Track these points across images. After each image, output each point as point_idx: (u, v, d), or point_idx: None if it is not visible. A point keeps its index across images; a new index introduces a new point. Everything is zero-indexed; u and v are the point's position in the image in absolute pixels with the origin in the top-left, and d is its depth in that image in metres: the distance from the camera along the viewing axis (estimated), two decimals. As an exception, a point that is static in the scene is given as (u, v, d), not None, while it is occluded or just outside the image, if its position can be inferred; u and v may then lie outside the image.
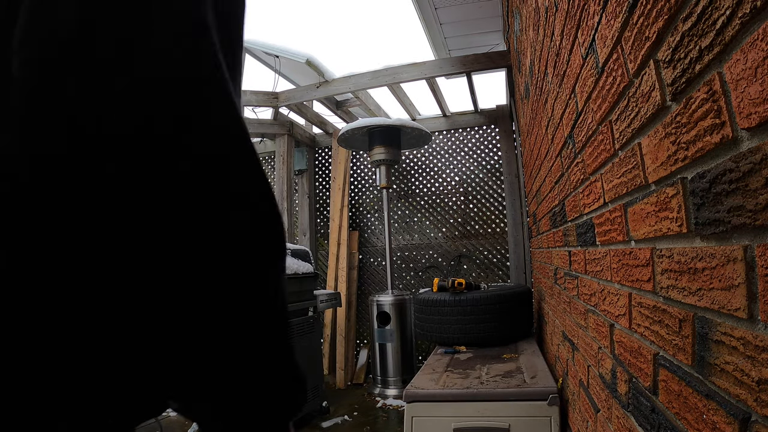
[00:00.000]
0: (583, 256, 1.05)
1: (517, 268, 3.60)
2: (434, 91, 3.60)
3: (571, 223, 1.18)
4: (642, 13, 0.54)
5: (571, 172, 1.09)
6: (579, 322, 1.17)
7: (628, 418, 0.73)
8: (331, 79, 3.54)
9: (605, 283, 0.85)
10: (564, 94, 1.07)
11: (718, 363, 0.43)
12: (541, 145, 1.69)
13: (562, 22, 1.02)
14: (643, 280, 0.63)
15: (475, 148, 3.98)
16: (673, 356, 0.54)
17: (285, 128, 4.02)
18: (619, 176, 0.70)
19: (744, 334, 0.38)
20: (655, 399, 0.61)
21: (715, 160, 0.42)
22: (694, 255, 0.47)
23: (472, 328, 2.25)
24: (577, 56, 0.89)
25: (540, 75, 1.51)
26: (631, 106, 0.62)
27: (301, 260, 2.91)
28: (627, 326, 0.72)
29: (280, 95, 3.78)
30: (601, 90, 0.74)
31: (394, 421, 2.85)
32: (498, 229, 3.85)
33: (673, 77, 0.48)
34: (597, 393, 0.97)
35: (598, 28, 0.72)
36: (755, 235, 0.36)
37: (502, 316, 2.26)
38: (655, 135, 0.55)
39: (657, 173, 0.55)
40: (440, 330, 2.35)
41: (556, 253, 1.56)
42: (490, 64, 3.20)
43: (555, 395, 1.41)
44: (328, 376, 3.76)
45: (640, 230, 0.64)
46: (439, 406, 1.49)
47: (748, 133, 0.36)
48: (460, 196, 3.99)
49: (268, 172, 4.77)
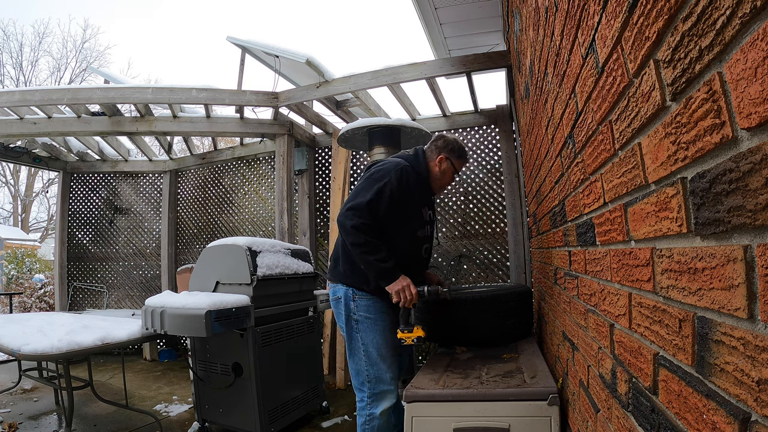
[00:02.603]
0: (583, 256, 1.05)
1: (517, 268, 3.60)
2: (434, 91, 3.60)
3: (571, 223, 1.18)
4: (642, 13, 0.54)
5: (571, 172, 1.09)
6: (579, 322, 1.17)
7: (628, 418, 0.73)
8: (331, 79, 3.54)
9: (605, 283, 0.85)
10: (564, 94, 1.07)
11: (718, 363, 0.43)
12: (541, 145, 1.69)
13: (562, 22, 1.02)
14: (643, 280, 0.63)
15: (475, 148, 3.98)
16: (673, 356, 0.54)
17: (285, 128, 4.02)
18: (619, 176, 0.70)
19: (744, 334, 0.38)
20: (655, 399, 0.61)
21: (715, 160, 0.42)
22: (694, 255, 0.47)
23: (471, 327, 2.18)
24: (577, 56, 0.89)
25: (540, 75, 1.51)
26: (631, 106, 0.62)
27: (301, 260, 2.91)
28: (627, 326, 0.72)
29: (280, 95, 3.78)
30: (601, 90, 0.74)
31: (394, 421, 2.84)
32: (498, 229, 3.85)
33: (673, 77, 0.48)
34: (597, 393, 0.97)
35: (598, 28, 0.72)
36: (755, 235, 0.36)
37: (504, 316, 2.19)
38: (655, 135, 0.55)
39: (657, 173, 0.55)
40: (437, 328, 2.28)
41: (556, 253, 1.56)
42: (490, 64, 3.20)
43: (555, 395, 1.41)
44: (328, 376, 3.76)
45: (640, 230, 0.64)
46: (439, 406, 1.49)
47: (748, 133, 0.36)
48: (460, 196, 3.99)
49: (268, 172, 4.78)
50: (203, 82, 5.79)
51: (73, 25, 37.61)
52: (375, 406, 1.85)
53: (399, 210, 1.88)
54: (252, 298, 2.46)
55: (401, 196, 1.87)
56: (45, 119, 4.14)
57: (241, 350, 2.47)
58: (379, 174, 1.88)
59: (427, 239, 2.05)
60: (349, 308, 1.92)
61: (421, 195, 1.99)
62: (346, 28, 58.66)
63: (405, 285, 1.80)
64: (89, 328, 2.47)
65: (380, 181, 1.85)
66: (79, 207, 5.49)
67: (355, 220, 1.78)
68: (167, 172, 5.28)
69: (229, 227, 4.98)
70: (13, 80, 18.36)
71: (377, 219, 1.82)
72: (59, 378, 2.83)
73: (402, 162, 1.96)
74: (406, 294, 1.80)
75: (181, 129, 4.15)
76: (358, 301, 1.90)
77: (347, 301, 1.92)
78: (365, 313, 1.90)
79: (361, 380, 1.89)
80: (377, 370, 1.87)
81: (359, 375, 1.90)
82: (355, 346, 1.90)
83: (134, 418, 2.96)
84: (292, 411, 2.68)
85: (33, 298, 7.76)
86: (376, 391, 1.86)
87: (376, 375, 1.87)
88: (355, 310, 1.91)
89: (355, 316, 1.91)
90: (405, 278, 1.82)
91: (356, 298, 1.91)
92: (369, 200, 1.80)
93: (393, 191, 1.84)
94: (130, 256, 5.39)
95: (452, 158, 2.02)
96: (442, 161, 2.01)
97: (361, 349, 1.88)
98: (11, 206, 19.05)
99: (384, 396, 1.86)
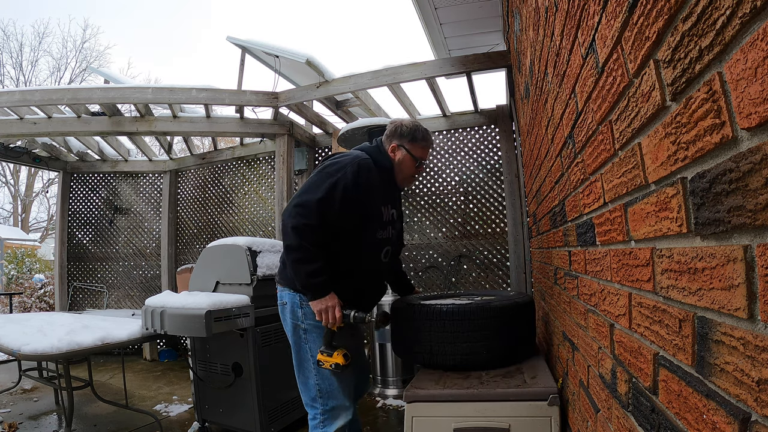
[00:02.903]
0: (583, 256, 1.05)
1: (517, 268, 3.60)
2: (434, 91, 3.60)
3: (571, 223, 1.18)
4: (642, 13, 0.54)
5: (571, 172, 1.09)
6: (579, 322, 1.17)
7: (628, 418, 0.73)
8: (331, 79, 3.54)
9: (605, 283, 0.85)
10: (564, 94, 1.07)
11: (718, 363, 0.43)
12: (541, 145, 1.69)
13: (562, 22, 1.02)
14: (643, 280, 0.63)
15: (475, 148, 3.98)
16: (673, 356, 0.54)
17: (285, 128, 4.02)
18: (619, 176, 0.70)
19: (744, 334, 0.38)
20: (655, 399, 0.61)
21: (715, 160, 0.42)
22: (694, 255, 0.47)
23: (460, 347, 1.70)
24: (577, 56, 0.89)
25: (540, 75, 1.51)
26: (631, 106, 0.62)
27: (301, 260, 2.91)
28: (627, 326, 0.72)
29: (280, 95, 3.78)
30: (601, 90, 0.74)
31: (394, 422, 2.85)
32: (498, 229, 3.85)
33: (673, 77, 0.48)
34: (597, 393, 0.97)
35: (598, 28, 0.72)
36: (755, 235, 0.36)
37: (498, 332, 1.70)
38: (655, 135, 0.55)
39: (657, 173, 0.55)
40: (423, 346, 1.77)
41: (556, 253, 1.56)
42: (490, 64, 3.20)
43: (555, 395, 1.41)
44: (328, 376, 3.76)
45: (640, 230, 0.64)
46: (439, 406, 1.49)
47: (748, 133, 0.36)
48: (460, 196, 3.99)
49: (268, 172, 4.78)
50: (203, 82, 5.79)
51: (73, 25, 37.62)
52: (329, 424, 1.65)
53: (354, 209, 1.66)
54: (252, 298, 2.46)
55: (357, 194, 1.64)
56: (45, 119, 4.14)
57: (241, 350, 2.47)
58: (334, 168, 1.66)
59: (388, 241, 1.82)
60: (296, 315, 1.71)
61: (384, 192, 1.78)
62: (346, 28, 58.66)
63: (330, 305, 1.59)
64: (89, 328, 2.47)
65: (333, 176, 1.63)
66: (79, 207, 5.49)
67: (297, 219, 1.56)
68: (167, 172, 5.28)
69: (229, 227, 4.98)
70: (13, 80, 18.38)
71: (326, 220, 1.60)
72: (59, 378, 2.83)
73: (361, 155, 1.74)
74: (329, 315, 1.59)
75: (181, 129, 4.15)
76: (306, 308, 1.68)
77: (293, 308, 1.71)
78: (314, 321, 1.67)
79: (312, 396, 1.69)
80: (328, 384, 1.66)
81: (309, 390, 1.69)
82: (304, 358, 1.71)
83: (134, 418, 2.96)
84: (292, 411, 2.68)
85: (33, 298, 7.76)
86: (328, 407, 1.66)
87: (328, 390, 1.66)
88: (302, 318, 1.70)
89: (303, 324, 1.70)
90: (333, 297, 1.60)
91: (304, 305, 1.69)
92: (319, 198, 1.58)
93: (347, 188, 1.62)
94: (130, 256, 5.39)
95: (405, 144, 1.79)
96: (395, 150, 1.80)
97: (310, 361, 1.68)
98: (11, 206, 19.06)
99: (338, 413, 1.66)
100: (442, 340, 1.73)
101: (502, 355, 1.75)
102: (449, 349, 1.72)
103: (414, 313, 1.78)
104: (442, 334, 1.72)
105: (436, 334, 1.73)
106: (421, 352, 1.77)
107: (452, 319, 1.71)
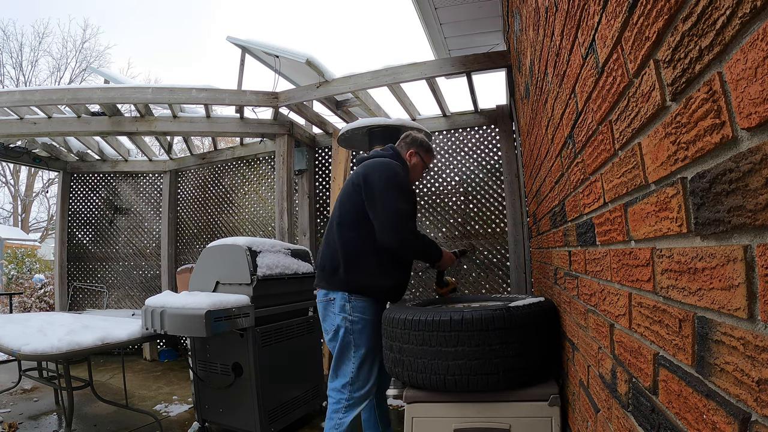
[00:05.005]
0: (583, 256, 1.05)
1: (517, 268, 3.60)
2: (434, 91, 3.59)
3: (571, 223, 1.18)
4: (642, 13, 0.54)
5: (571, 172, 1.09)
6: (579, 322, 1.17)
7: (628, 418, 0.73)
8: (331, 79, 3.54)
9: (605, 283, 0.85)
10: (564, 94, 1.07)
11: (718, 363, 0.43)
12: (541, 145, 1.69)
13: (562, 22, 1.02)
14: (643, 280, 0.63)
15: (475, 148, 3.98)
16: (673, 356, 0.54)
17: (285, 128, 4.02)
18: (619, 176, 0.70)
19: (744, 334, 0.38)
20: (655, 399, 0.61)
21: (715, 160, 0.42)
22: (694, 255, 0.47)
23: (455, 366, 1.42)
24: (577, 56, 0.89)
25: (540, 75, 1.50)
26: (631, 106, 0.62)
27: (301, 260, 2.91)
28: (627, 326, 0.72)
29: (280, 95, 3.78)
30: (601, 90, 0.74)
31: (394, 422, 2.84)
32: (498, 229, 3.85)
33: (673, 77, 0.48)
34: (597, 393, 0.97)
35: (598, 28, 0.72)
36: (755, 235, 0.36)
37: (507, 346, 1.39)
38: (655, 135, 0.55)
39: (657, 173, 0.55)
40: (415, 365, 1.50)
41: (556, 253, 1.56)
42: (490, 64, 3.20)
43: (556, 396, 1.41)
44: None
45: (640, 230, 0.64)
46: (439, 407, 1.49)
47: (748, 133, 0.36)
48: (460, 196, 3.99)
49: (268, 172, 4.78)
50: (203, 82, 5.79)
51: (73, 25, 37.64)
52: (350, 411, 1.84)
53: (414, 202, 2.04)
54: (252, 298, 2.46)
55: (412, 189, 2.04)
56: (45, 119, 4.14)
57: (241, 350, 2.47)
58: (390, 173, 1.94)
59: None
60: (345, 309, 1.90)
61: None
62: (346, 28, 58.65)
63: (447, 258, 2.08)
64: (89, 328, 2.47)
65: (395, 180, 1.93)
66: (79, 207, 5.49)
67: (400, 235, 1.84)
68: (167, 172, 5.28)
69: (229, 227, 4.98)
70: (13, 80, 18.37)
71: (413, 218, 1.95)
72: (59, 378, 2.83)
73: (391, 161, 2.05)
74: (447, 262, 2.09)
75: (181, 129, 4.15)
76: (354, 303, 1.89)
77: (344, 303, 1.90)
78: (361, 314, 1.89)
79: (344, 382, 1.87)
80: (365, 372, 1.88)
81: (343, 376, 1.88)
82: (347, 346, 1.89)
83: (134, 418, 2.96)
84: (292, 411, 2.68)
85: (33, 298, 7.76)
86: (356, 395, 1.86)
87: (363, 378, 1.87)
88: (350, 311, 1.89)
89: (350, 316, 1.89)
90: (445, 253, 2.05)
91: (352, 300, 1.90)
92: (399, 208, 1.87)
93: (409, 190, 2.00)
94: (130, 256, 5.39)
95: (421, 153, 2.15)
96: (412, 155, 2.14)
97: (353, 350, 1.88)
98: (11, 206, 19.05)
99: (360, 402, 1.87)
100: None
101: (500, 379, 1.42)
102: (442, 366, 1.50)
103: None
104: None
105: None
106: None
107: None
